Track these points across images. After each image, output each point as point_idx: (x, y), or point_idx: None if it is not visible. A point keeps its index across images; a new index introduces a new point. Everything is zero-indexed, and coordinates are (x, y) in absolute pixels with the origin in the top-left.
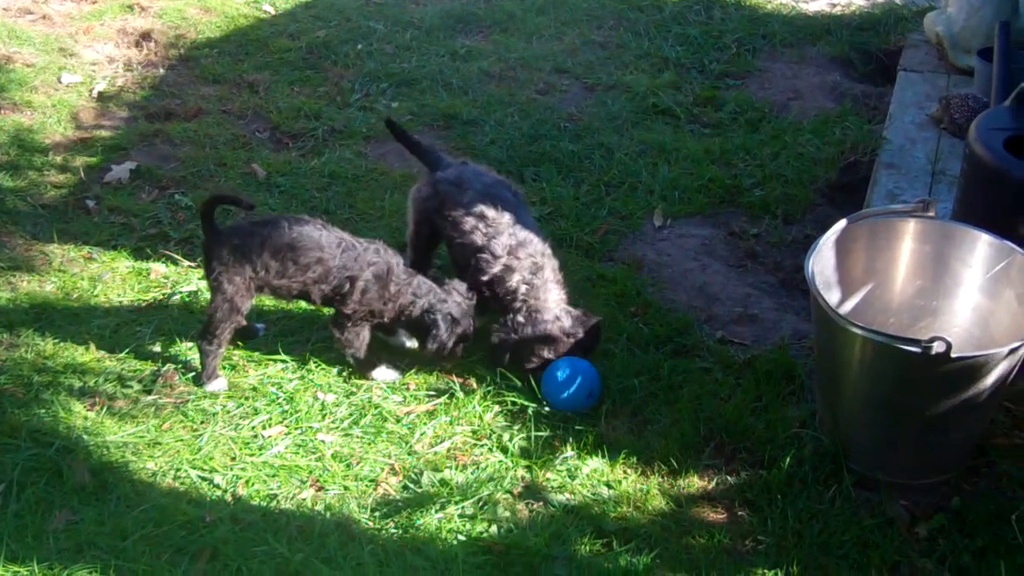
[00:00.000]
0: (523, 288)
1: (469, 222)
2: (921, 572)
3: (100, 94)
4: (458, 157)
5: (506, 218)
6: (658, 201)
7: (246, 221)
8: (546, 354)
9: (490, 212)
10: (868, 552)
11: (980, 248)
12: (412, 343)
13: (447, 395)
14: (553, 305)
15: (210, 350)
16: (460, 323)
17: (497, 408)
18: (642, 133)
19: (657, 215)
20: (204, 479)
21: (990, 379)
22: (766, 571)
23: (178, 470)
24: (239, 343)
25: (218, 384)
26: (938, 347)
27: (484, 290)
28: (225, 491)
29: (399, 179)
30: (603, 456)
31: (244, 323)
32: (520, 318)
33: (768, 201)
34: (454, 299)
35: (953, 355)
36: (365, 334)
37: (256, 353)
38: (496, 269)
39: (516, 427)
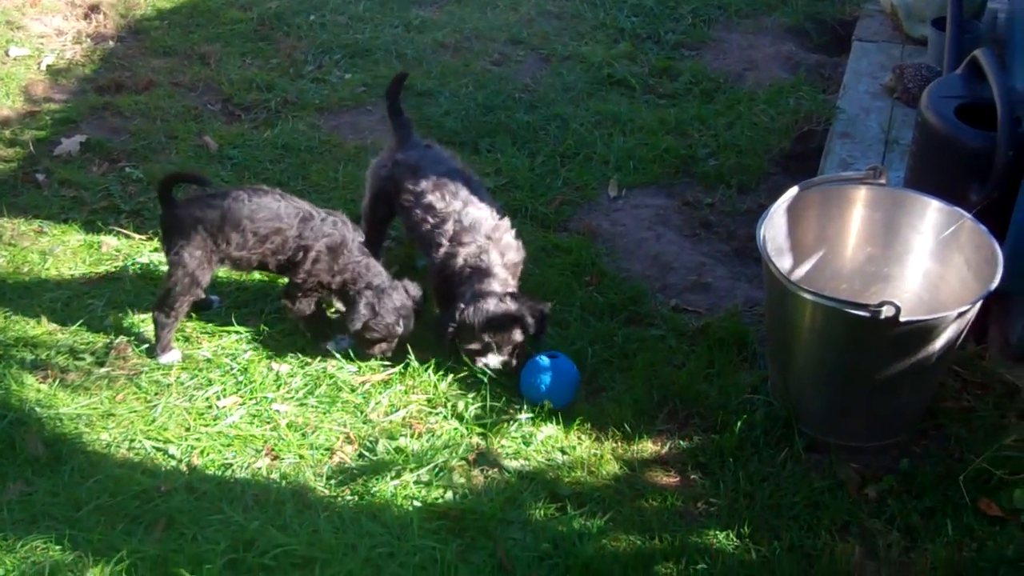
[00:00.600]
0: (467, 272)
1: (418, 213)
2: (870, 532)
3: (49, 67)
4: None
5: (454, 206)
6: (613, 172)
7: (204, 194)
8: (486, 338)
9: (438, 203)
10: (818, 513)
11: (930, 214)
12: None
13: (402, 365)
14: (498, 288)
15: (166, 323)
16: (382, 316)
17: (452, 377)
18: (597, 104)
19: (612, 185)
20: (159, 450)
21: (939, 343)
22: (718, 533)
23: (132, 441)
24: (193, 315)
25: (172, 356)
26: (887, 311)
27: (439, 277)
28: (180, 461)
29: (353, 151)
30: (557, 423)
31: (202, 296)
32: (461, 303)
33: (722, 171)
34: (396, 294)
35: (902, 319)
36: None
37: (210, 325)
38: (441, 256)
39: (471, 395)
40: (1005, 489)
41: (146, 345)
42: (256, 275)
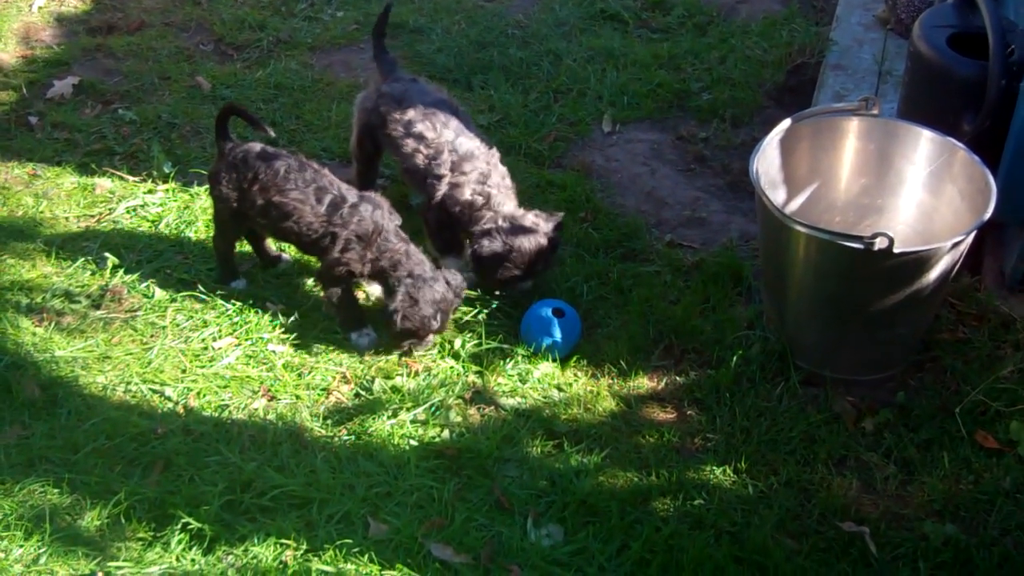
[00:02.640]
0: (479, 200)
1: (409, 144)
2: (867, 465)
3: (40, 9)
4: (406, 67)
5: (446, 135)
6: (607, 107)
7: (256, 147)
8: (535, 260)
9: (429, 133)
10: (815, 447)
11: (923, 145)
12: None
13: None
14: (516, 210)
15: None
16: (420, 308)
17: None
18: (590, 39)
19: (606, 121)
20: (155, 392)
21: (933, 274)
22: (715, 468)
23: (128, 383)
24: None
25: (237, 283)
26: (880, 243)
27: (441, 214)
28: (176, 403)
29: (345, 89)
30: (553, 360)
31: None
32: (502, 223)
33: (716, 105)
34: (437, 285)
35: (896, 250)
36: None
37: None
38: (444, 189)
39: (467, 334)
40: (1001, 421)
41: (143, 285)
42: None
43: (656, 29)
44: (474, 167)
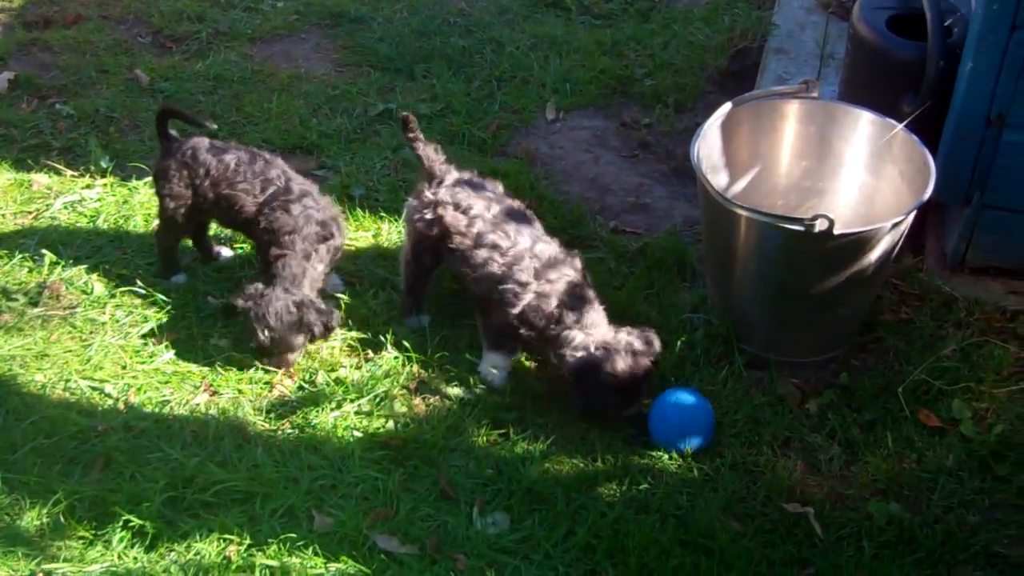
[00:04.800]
0: (570, 316)
1: (481, 254)
2: (811, 447)
3: None
4: (355, 65)
5: (524, 240)
6: (550, 94)
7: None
8: (641, 385)
9: (503, 241)
10: (759, 429)
11: (863, 126)
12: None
13: (343, 294)
14: (608, 331)
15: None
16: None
17: (391, 306)
18: (533, 26)
19: (549, 108)
20: (95, 389)
21: (874, 255)
22: (660, 452)
23: (67, 381)
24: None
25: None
26: (820, 225)
27: (518, 326)
28: (116, 400)
29: (286, 80)
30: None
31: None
32: (597, 351)
33: (659, 90)
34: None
35: (836, 232)
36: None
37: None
38: (528, 298)
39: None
40: (944, 400)
41: (82, 281)
42: None
43: (599, 16)
44: (562, 274)
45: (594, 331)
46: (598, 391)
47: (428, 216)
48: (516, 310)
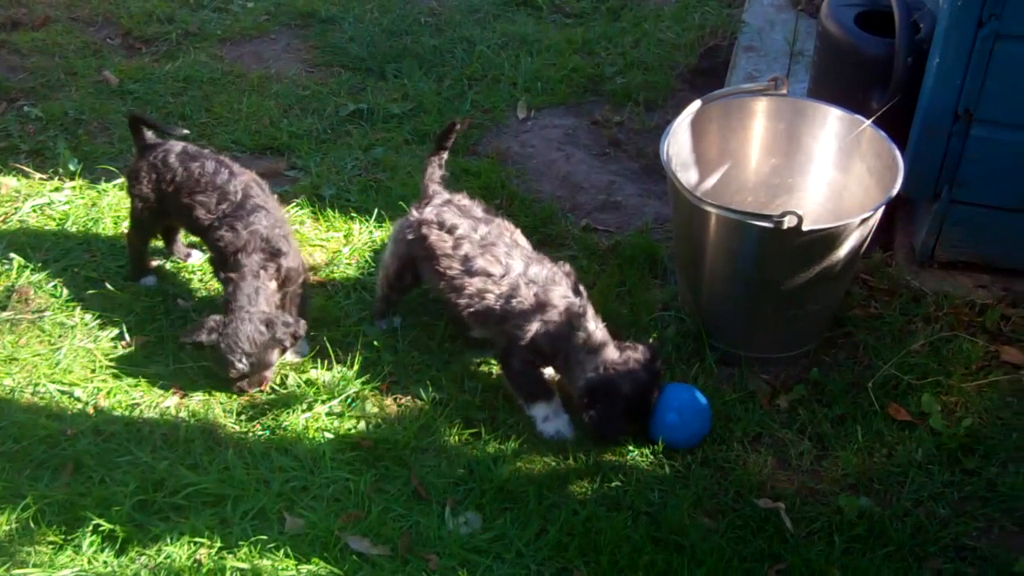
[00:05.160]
0: (579, 336)
1: (474, 284)
2: (782, 442)
3: None
4: (325, 65)
5: (515, 265)
6: (521, 93)
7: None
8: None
9: (495, 268)
10: (731, 425)
11: (831, 123)
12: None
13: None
14: (613, 349)
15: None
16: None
17: (363, 306)
18: (504, 25)
19: (520, 107)
20: (64, 393)
21: (843, 251)
22: (632, 449)
23: (36, 385)
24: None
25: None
26: (789, 221)
27: (529, 355)
28: (86, 404)
29: (256, 81)
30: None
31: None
32: (607, 370)
33: (630, 89)
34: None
35: (804, 228)
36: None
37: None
38: (535, 327)
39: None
40: (913, 394)
41: (51, 284)
42: None
43: (570, 14)
44: (561, 295)
45: (602, 352)
46: (614, 415)
47: (410, 236)
48: (524, 342)
